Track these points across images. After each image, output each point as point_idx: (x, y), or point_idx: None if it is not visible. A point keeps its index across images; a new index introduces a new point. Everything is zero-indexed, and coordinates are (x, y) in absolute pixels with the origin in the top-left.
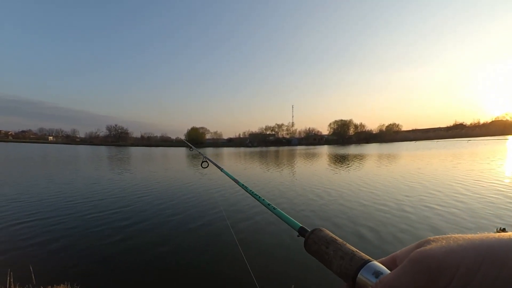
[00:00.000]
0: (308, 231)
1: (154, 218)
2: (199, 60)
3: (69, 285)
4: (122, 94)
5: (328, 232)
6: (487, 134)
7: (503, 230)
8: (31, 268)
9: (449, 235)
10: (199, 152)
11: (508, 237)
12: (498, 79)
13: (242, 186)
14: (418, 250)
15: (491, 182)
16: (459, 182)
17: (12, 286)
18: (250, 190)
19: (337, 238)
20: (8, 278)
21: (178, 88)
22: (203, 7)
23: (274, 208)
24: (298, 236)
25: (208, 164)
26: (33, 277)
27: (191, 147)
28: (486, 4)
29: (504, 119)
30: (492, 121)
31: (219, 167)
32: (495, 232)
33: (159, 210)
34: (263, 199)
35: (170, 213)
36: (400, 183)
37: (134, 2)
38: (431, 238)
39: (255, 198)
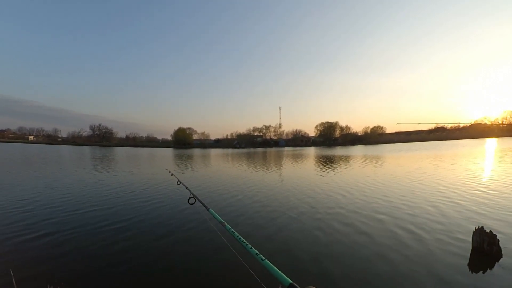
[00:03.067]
0: None
1: (142, 221)
2: (187, 62)
3: None
4: (106, 94)
5: None
6: (466, 137)
7: (481, 228)
8: (11, 272)
9: None
10: (186, 187)
11: None
12: (477, 85)
13: (229, 230)
14: None
15: (497, 180)
16: (470, 181)
17: None
18: (238, 236)
19: None
20: None
21: (165, 89)
22: (192, 12)
23: (262, 259)
24: None
25: (195, 201)
26: (13, 281)
27: (178, 181)
28: (469, 13)
29: (483, 123)
30: (471, 125)
31: (206, 207)
32: (474, 231)
33: (146, 212)
34: (251, 247)
35: (157, 215)
36: (414, 183)
37: (122, 1)
38: None
39: (242, 245)
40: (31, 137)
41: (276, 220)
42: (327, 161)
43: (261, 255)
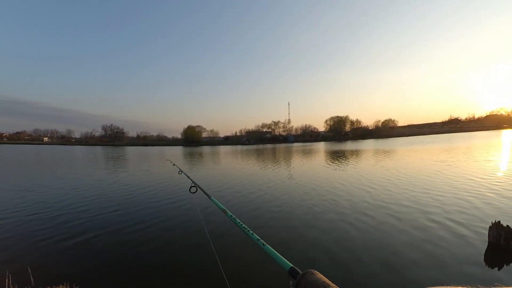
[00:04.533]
0: (299, 273)
1: (155, 219)
2: (194, 60)
3: (68, 286)
4: (117, 94)
5: (320, 276)
6: (482, 128)
7: (498, 222)
8: (29, 269)
9: None
10: (187, 176)
11: None
12: (492, 75)
13: (231, 217)
14: None
15: None
16: (495, 172)
17: None
18: (239, 223)
19: (329, 283)
20: (7, 280)
21: (174, 87)
22: (198, 6)
23: (263, 245)
24: (288, 276)
25: (196, 190)
26: (31, 278)
27: (180, 171)
28: (481, 3)
29: (499, 113)
30: (487, 116)
31: (207, 195)
32: (490, 225)
33: (157, 211)
34: (252, 233)
35: (170, 216)
36: (439, 176)
37: (127, 0)
38: None
39: (243, 231)
40: (45, 138)
41: (302, 215)
42: (342, 156)
43: (262, 241)
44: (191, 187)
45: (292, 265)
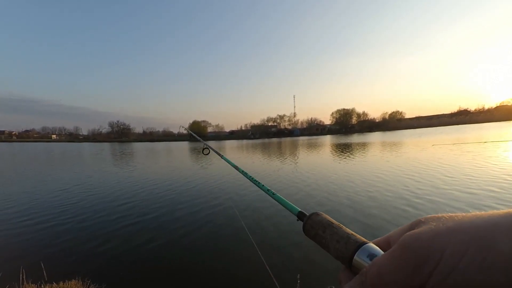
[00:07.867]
0: (306, 215)
1: (168, 214)
2: (200, 56)
3: (80, 280)
4: (123, 91)
5: (325, 216)
6: (491, 119)
7: None
8: (42, 264)
9: (440, 215)
10: (201, 140)
11: (498, 215)
12: (502, 63)
13: (242, 172)
14: (407, 233)
15: None
16: None
17: (25, 283)
18: (250, 176)
19: (333, 221)
20: (21, 275)
21: (180, 83)
22: (205, 4)
23: (273, 194)
24: (297, 220)
25: (209, 151)
26: (44, 273)
27: (196, 138)
28: None
29: (509, 104)
30: (497, 106)
31: (219, 154)
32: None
33: (171, 204)
34: (263, 185)
35: (180, 204)
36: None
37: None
38: (423, 219)
39: (254, 184)
40: (54, 136)
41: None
42: (358, 149)
43: (272, 190)
44: (203, 149)
45: (300, 209)
